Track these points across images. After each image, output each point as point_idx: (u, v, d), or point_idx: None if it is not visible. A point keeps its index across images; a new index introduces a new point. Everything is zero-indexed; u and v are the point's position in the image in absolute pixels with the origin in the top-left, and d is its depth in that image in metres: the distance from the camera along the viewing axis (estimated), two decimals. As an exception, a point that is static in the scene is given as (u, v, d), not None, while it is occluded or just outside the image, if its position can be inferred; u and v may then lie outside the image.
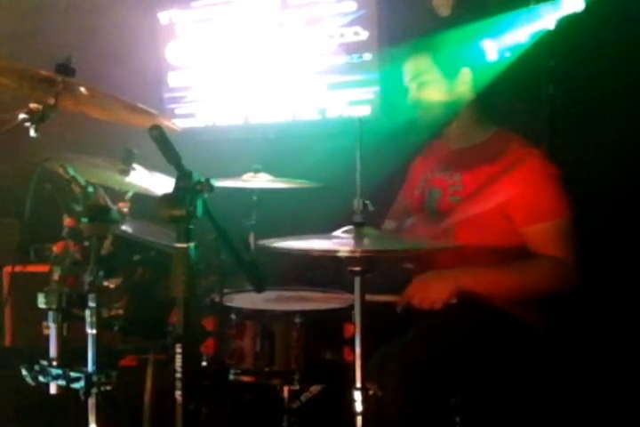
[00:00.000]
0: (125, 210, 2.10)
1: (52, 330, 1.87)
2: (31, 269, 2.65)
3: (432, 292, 2.10)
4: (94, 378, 1.80)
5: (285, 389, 2.06)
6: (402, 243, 2.02)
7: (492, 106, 2.39)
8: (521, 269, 2.14)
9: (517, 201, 2.17)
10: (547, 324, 2.25)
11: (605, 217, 2.68)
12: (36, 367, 1.86)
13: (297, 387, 2.01)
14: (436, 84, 2.32)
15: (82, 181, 1.89)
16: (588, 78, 2.75)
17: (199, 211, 1.50)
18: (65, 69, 1.88)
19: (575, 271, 2.13)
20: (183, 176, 1.52)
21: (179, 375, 1.50)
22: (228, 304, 2.04)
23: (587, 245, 2.18)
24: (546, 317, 2.25)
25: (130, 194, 2.17)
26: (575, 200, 2.21)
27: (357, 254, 1.63)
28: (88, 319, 1.82)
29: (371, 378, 1.75)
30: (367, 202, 1.71)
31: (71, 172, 1.89)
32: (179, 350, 1.50)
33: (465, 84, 2.31)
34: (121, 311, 1.88)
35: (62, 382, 1.83)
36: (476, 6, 2.94)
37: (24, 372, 1.87)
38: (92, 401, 1.83)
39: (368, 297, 1.70)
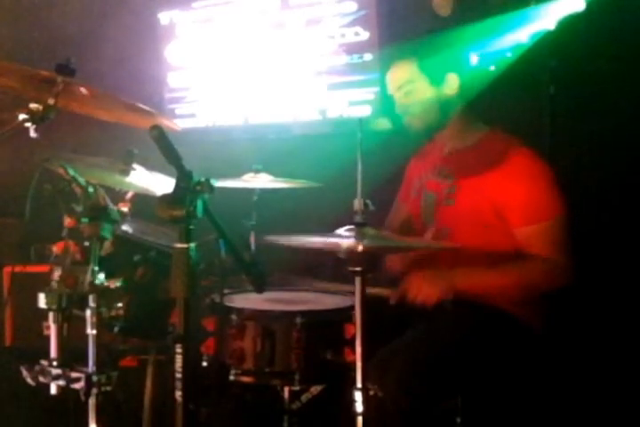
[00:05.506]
0: (125, 210, 2.10)
1: (52, 330, 1.86)
2: (31, 269, 2.64)
3: (427, 287, 2.10)
4: (94, 378, 1.80)
5: (286, 389, 2.06)
6: (401, 243, 2.02)
7: (483, 108, 2.39)
8: (515, 270, 2.15)
9: (510, 198, 2.17)
10: (545, 325, 2.24)
11: (606, 217, 2.68)
12: (36, 367, 1.85)
13: (297, 387, 2.01)
14: (424, 91, 2.31)
15: (82, 181, 1.89)
16: (588, 78, 2.75)
17: (199, 211, 1.50)
18: (65, 70, 1.87)
19: (567, 271, 2.13)
20: (183, 176, 1.51)
21: (179, 376, 1.49)
22: (229, 304, 2.04)
23: (586, 245, 2.18)
24: (544, 317, 2.25)
25: (130, 194, 2.17)
26: (575, 200, 2.21)
27: (358, 251, 1.63)
28: (88, 320, 1.82)
29: (371, 379, 1.74)
30: (368, 202, 1.71)
31: (71, 172, 1.89)
32: (179, 350, 1.50)
33: (452, 89, 2.30)
34: (121, 312, 1.88)
35: (62, 383, 1.82)
36: (476, 6, 2.94)
37: (24, 372, 1.86)
38: (92, 401, 1.82)
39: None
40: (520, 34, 2.67)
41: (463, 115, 2.35)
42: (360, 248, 1.62)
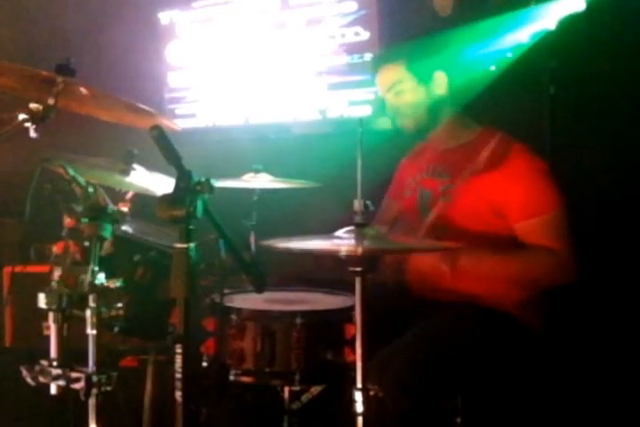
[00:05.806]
0: (125, 210, 2.10)
1: (52, 330, 1.86)
2: (31, 269, 2.65)
3: (428, 267, 2.12)
4: (94, 379, 1.80)
5: (286, 389, 2.06)
6: (402, 244, 2.02)
7: (481, 108, 2.39)
8: (519, 257, 2.15)
9: (509, 198, 2.17)
10: (545, 325, 2.24)
11: (606, 217, 2.68)
12: (36, 367, 1.85)
13: (297, 388, 2.01)
14: (413, 91, 2.31)
15: (82, 181, 1.89)
16: (588, 79, 2.75)
17: (199, 211, 1.50)
18: (65, 70, 1.87)
19: (572, 264, 2.13)
20: (183, 176, 1.51)
21: (179, 376, 1.49)
22: (229, 305, 2.04)
23: (586, 245, 2.18)
24: (544, 318, 2.25)
25: (130, 194, 2.17)
26: (575, 200, 2.21)
27: (359, 254, 1.62)
28: (88, 320, 1.82)
29: (371, 379, 1.74)
30: (368, 203, 1.70)
31: (71, 172, 1.89)
32: (179, 350, 1.50)
33: (441, 87, 2.31)
34: (121, 312, 1.88)
35: (62, 383, 1.82)
36: (476, 6, 2.94)
37: (24, 372, 1.86)
38: (92, 402, 1.82)
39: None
40: (520, 34, 2.67)
41: (456, 114, 2.35)
42: (360, 250, 1.62)
